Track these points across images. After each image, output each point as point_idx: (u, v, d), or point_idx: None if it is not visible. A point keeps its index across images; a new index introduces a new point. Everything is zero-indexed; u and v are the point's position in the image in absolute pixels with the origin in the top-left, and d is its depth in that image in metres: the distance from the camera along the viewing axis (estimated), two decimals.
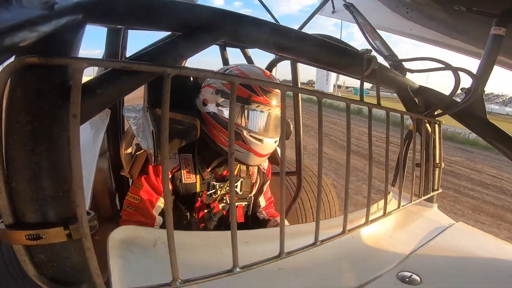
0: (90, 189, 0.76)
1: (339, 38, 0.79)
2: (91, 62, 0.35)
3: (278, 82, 1.02)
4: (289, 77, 1.40)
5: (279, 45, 0.59)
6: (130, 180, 1.11)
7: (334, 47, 0.66)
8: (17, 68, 0.32)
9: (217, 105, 0.93)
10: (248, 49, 1.50)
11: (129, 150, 1.12)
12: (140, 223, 0.94)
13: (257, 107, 0.90)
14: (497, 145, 0.91)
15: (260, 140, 0.93)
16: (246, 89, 0.88)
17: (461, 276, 0.66)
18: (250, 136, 0.92)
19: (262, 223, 1.18)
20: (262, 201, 1.23)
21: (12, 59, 0.32)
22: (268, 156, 1.02)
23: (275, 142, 0.98)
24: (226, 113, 0.92)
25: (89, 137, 1.09)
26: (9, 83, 0.33)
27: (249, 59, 1.54)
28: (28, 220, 0.34)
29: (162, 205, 0.97)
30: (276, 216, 1.20)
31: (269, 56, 1.38)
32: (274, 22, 1.05)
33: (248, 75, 0.94)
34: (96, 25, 0.51)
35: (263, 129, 0.93)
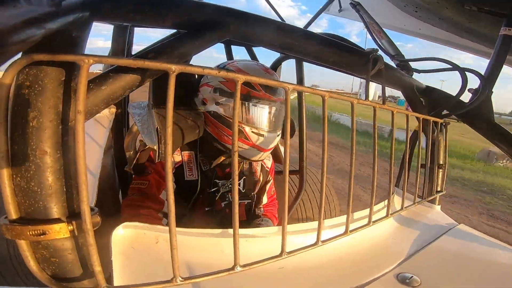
0: (95, 185, 0.77)
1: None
2: (97, 59, 0.35)
3: (280, 79, 1.01)
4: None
5: (284, 44, 0.59)
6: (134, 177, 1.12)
7: (340, 46, 0.66)
8: (24, 65, 0.32)
9: (217, 103, 0.93)
10: (253, 47, 1.49)
11: (134, 147, 1.13)
12: (148, 209, 0.93)
13: (257, 102, 0.90)
14: (504, 147, 0.90)
15: (263, 135, 0.93)
16: (244, 85, 0.88)
17: (462, 279, 0.65)
18: (253, 132, 0.92)
19: (253, 218, 1.18)
20: (264, 199, 1.23)
21: (19, 55, 0.32)
22: (271, 151, 1.01)
23: (278, 135, 0.98)
24: (226, 111, 0.92)
25: (94, 134, 1.10)
26: (16, 79, 0.34)
27: (254, 57, 1.53)
28: (31, 215, 0.35)
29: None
30: (270, 217, 1.19)
31: (274, 54, 1.37)
32: (280, 20, 1.05)
33: (246, 72, 0.93)
34: (103, 22, 0.51)
35: (265, 124, 0.93)
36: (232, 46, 1.46)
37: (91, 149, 1.02)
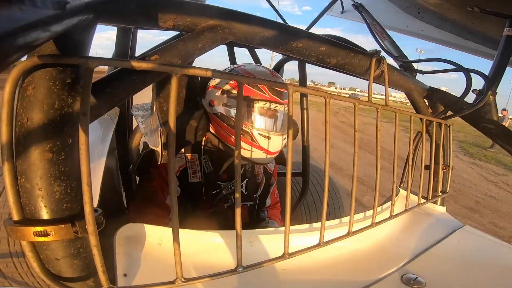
0: (99, 186, 0.77)
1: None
2: (101, 61, 0.36)
3: (284, 81, 1.02)
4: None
5: (287, 46, 0.59)
6: (137, 178, 1.12)
7: (342, 48, 0.66)
8: (29, 67, 0.33)
9: (224, 105, 0.93)
10: (256, 49, 1.50)
11: (137, 149, 1.13)
12: (156, 215, 0.94)
13: (264, 105, 0.90)
14: (509, 148, 0.89)
15: (269, 138, 0.93)
16: (252, 88, 0.89)
17: (466, 280, 0.65)
18: (260, 134, 0.92)
19: (259, 222, 1.18)
20: (268, 201, 1.23)
21: (24, 58, 0.32)
22: (277, 155, 1.01)
23: (284, 139, 0.98)
24: (233, 113, 0.93)
25: (98, 135, 1.11)
26: (21, 82, 0.34)
27: (257, 59, 1.53)
28: (36, 216, 0.35)
29: None
30: (274, 219, 1.19)
31: (276, 56, 1.38)
32: (282, 22, 1.05)
33: (254, 75, 0.94)
34: (107, 25, 0.52)
35: (271, 127, 0.94)
36: (234, 48, 1.46)
37: (96, 151, 1.03)
